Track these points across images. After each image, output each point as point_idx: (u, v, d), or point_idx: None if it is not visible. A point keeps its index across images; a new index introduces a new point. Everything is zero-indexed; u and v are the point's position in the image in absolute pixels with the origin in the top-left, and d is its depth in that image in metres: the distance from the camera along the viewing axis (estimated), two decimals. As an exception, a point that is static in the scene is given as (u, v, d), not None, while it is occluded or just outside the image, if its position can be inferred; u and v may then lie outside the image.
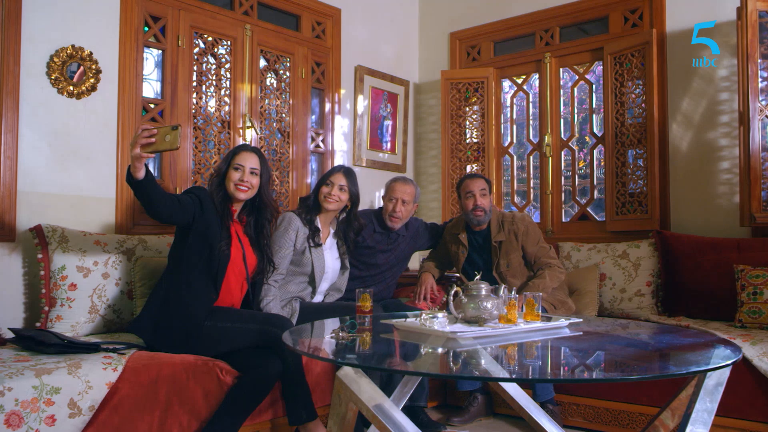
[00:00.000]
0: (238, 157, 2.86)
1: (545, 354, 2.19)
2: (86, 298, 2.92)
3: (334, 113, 4.58)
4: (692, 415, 1.94)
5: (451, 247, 3.71)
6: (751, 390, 2.81)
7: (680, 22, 4.03)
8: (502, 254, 3.53)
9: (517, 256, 3.53)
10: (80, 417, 2.20)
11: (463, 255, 3.64)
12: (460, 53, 5.07)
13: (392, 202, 3.54)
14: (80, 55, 3.22)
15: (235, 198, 2.86)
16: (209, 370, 2.57)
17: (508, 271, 3.52)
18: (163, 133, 2.32)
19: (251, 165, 2.86)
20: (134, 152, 2.33)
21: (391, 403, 2.04)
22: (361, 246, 3.52)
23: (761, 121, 3.51)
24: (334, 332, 2.33)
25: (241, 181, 2.83)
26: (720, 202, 3.86)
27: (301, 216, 3.24)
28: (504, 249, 3.53)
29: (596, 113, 4.54)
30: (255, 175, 2.87)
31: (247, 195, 2.86)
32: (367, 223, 3.54)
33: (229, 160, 2.87)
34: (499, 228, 3.56)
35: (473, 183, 3.55)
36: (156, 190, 2.48)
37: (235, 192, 2.83)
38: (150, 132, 2.33)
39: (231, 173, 2.84)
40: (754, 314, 3.15)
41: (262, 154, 2.94)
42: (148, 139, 2.33)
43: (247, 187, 2.84)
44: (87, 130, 3.28)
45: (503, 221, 3.57)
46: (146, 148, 2.34)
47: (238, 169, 2.84)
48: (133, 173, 2.37)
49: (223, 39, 3.92)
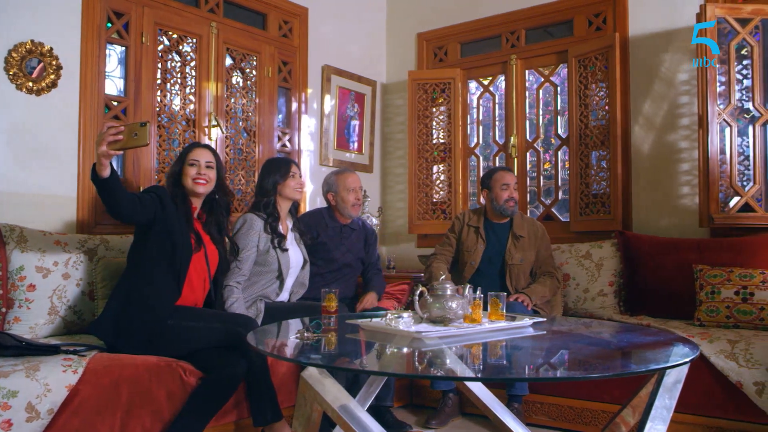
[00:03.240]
0: (192, 153, 2.88)
1: (509, 353, 2.22)
2: (46, 299, 2.85)
3: (301, 113, 4.56)
4: (652, 411, 1.98)
5: (469, 241, 3.75)
6: (708, 386, 2.87)
7: (643, 26, 4.10)
8: (520, 248, 3.64)
9: (530, 255, 3.66)
10: (38, 421, 2.15)
11: (481, 250, 3.70)
12: (427, 54, 5.09)
13: (353, 192, 3.60)
14: (40, 51, 3.15)
15: (195, 192, 2.86)
16: (172, 371, 2.53)
17: (520, 267, 3.63)
18: (131, 129, 2.30)
19: (206, 159, 2.88)
20: (100, 150, 2.30)
21: (356, 404, 2.04)
22: (317, 242, 3.54)
23: (719, 124, 3.60)
24: (299, 332, 2.32)
25: (198, 174, 2.84)
26: (681, 203, 3.94)
27: (265, 222, 3.23)
28: (522, 243, 3.66)
29: (561, 115, 4.61)
30: (211, 168, 2.89)
31: (206, 188, 2.87)
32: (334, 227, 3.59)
33: (183, 158, 2.88)
34: (521, 224, 3.72)
35: (509, 175, 3.73)
36: (119, 189, 2.46)
37: (194, 186, 2.84)
38: (117, 129, 2.30)
39: (187, 169, 2.85)
40: (712, 313, 3.22)
41: (214, 150, 2.97)
42: (115, 136, 2.30)
43: (205, 180, 2.86)
44: (47, 128, 3.21)
45: (523, 219, 3.77)
46: (113, 146, 2.31)
47: (193, 165, 2.85)
48: (99, 171, 2.34)
49: (189, 36, 3.88)
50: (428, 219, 4.84)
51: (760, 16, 3.56)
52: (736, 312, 3.17)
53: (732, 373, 2.79)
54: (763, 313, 3.11)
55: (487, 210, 3.79)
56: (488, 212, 3.78)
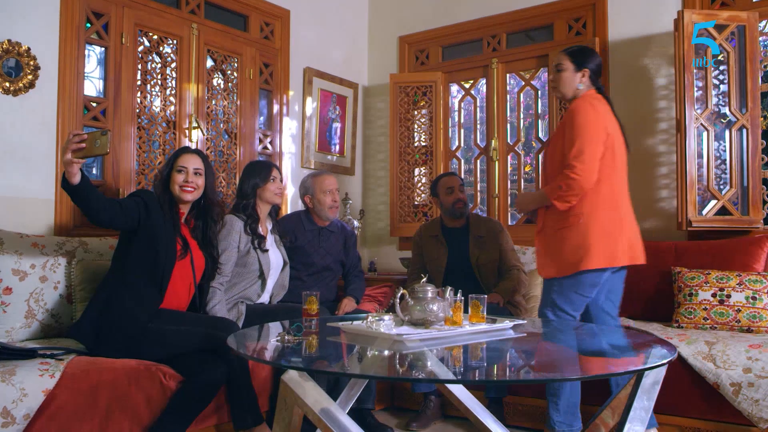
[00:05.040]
0: (180, 160, 2.84)
1: (490, 355, 2.23)
2: (22, 302, 2.81)
3: (283, 115, 4.55)
4: (630, 413, 2.00)
5: (431, 250, 3.78)
6: (686, 388, 2.90)
7: (622, 31, 4.15)
8: (482, 248, 3.69)
9: (494, 253, 3.70)
10: (14, 426, 2.12)
11: (444, 256, 3.72)
12: (408, 57, 5.10)
13: (330, 194, 3.59)
14: (17, 51, 3.12)
15: (181, 199, 2.82)
16: (152, 375, 2.51)
17: (486, 267, 3.66)
18: (93, 138, 2.30)
19: (194, 166, 2.83)
20: (65, 158, 2.30)
21: (337, 407, 2.04)
22: (295, 246, 3.53)
23: (697, 128, 3.65)
24: (280, 335, 2.31)
25: (185, 182, 2.80)
26: (659, 207, 3.98)
27: (244, 223, 3.24)
28: (483, 243, 3.70)
29: (542, 119, 4.64)
30: (199, 175, 2.84)
31: (193, 196, 2.83)
32: (312, 230, 3.58)
33: (172, 164, 2.84)
34: (478, 224, 3.78)
35: (451, 179, 3.81)
36: (93, 194, 2.44)
37: (180, 194, 2.80)
38: (80, 137, 2.30)
39: (174, 176, 2.81)
40: (690, 314, 3.26)
41: (205, 156, 2.93)
42: (78, 144, 2.29)
43: (192, 188, 2.81)
44: (25, 129, 3.17)
45: (479, 219, 3.84)
46: (77, 153, 2.31)
47: (181, 171, 2.81)
48: (68, 179, 2.33)
49: (169, 38, 3.85)
50: (410, 222, 4.85)
51: (735, 23, 3.62)
52: (713, 314, 3.21)
53: (709, 374, 2.82)
54: (739, 315, 3.16)
55: (442, 217, 3.86)
56: (444, 219, 3.85)
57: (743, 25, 3.61)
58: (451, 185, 3.76)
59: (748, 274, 3.26)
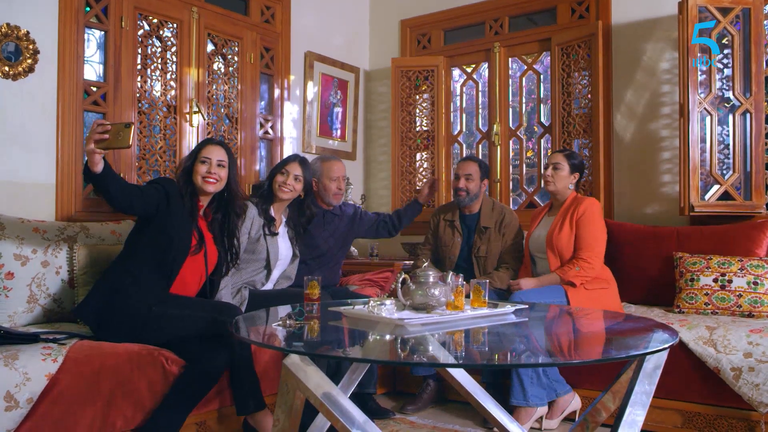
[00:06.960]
0: (204, 150, 2.82)
1: (491, 340, 2.23)
2: (24, 287, 2.82)
3: (284, 99, 4.53)
4: (632, 397, 2.00)
5: (446, 236, 3.75)
6: (687, 372, 2.91)
7: (625, 15, 4.12)
8: (485, 240, 3.63)
9: (497, 245, 3.64)
10: (17, 410, 2.13)
11: (458, 245, 3.70)
12: (410, 41, 5.07)
13: (336, 181, 3.61)
14: (16, 35, 3.10)
15: (203, 191, 2.80)
16: (154, 360, 2.52)
17: (486, 258, 3.63)
18: (116, 130, 2.31)
19: (218, 157, 2.81)
20: (88, 147, 2.31)
21: (338, 391, 2.04)
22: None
23: (700, 113, 3.62)
24: (282, 320, 2.32)
25: (208, 173, 2.78)
26: (662, 192, 3.97)
27: (257, 206, 3.25)
28: (487, 235, 3.65)
29: (544, 103, 4.62)
30: (222, 167, 2.83)
31: (215, 187, 2.82)
32: (317, 212, 3.54)
33: (195, 154, 2.83)
34: (489, 214, 3.70)
35: (460, 165, 3.75)
36: (116, 181, 2.45)
37: (203, 185, 2.78)
38: (104, 127, 2.30)
39: (198, 166, 2.79)
40: (691, 300, 3.26)
41: (228, 148, 2.91)
42: (101, 135, 2.29)
43: (215, 179, 2.80)
44: (24, 113, 3.16)
45: (494, 208, 3.73)
46: (99, 144, 2.31)
47: (204, 162, 2.79)
48: (91, 167, 2.34)
49: (169, 21, 3.82)
50: (411, 207, 4.83)
51: (741, 6, 3.58)
52: (714, 299, 3.21)
53: (710, 359, 2.83)
54: (740, 300, 3.16)
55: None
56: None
57: (748, 7, 3.58)
58: (458, 172, 3.71)
59: (750, 259, 3.25)
